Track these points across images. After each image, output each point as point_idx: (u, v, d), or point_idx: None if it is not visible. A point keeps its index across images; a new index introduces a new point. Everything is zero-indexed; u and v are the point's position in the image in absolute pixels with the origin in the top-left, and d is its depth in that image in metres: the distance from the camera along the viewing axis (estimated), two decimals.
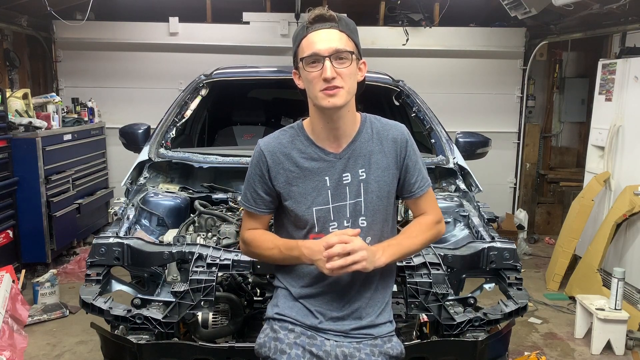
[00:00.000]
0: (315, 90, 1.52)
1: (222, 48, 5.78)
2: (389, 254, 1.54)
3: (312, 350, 1.60)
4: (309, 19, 1.55)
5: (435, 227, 1.67)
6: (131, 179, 2.88)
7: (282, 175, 1.61)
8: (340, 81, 1.51)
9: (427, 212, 1.69)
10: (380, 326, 1.65)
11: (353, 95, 1.57)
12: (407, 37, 5.75)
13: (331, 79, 1.49)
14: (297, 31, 1.60)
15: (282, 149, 1.63)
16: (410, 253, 1.67)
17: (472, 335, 2.04)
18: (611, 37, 5.35)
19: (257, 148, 1.66)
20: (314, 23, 1.54)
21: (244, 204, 1.70)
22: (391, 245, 1.57)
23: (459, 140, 3.31)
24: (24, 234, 4.47)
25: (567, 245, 4.56)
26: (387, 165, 1.62)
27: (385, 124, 1.67)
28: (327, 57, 1.49)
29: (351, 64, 1.53)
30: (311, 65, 1.52)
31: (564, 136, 6.52)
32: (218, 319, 2.16)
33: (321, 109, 1.55)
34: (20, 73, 5.59)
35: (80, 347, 3.50)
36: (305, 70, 1.54)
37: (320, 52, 1.50)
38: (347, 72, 1.52)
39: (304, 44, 1.55)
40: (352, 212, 1.60)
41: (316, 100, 1.54)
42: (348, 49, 1.52)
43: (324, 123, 1.59)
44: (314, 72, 1.51)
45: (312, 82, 1.53)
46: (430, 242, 1.71)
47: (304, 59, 1.53)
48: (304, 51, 1.54)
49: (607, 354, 3.52)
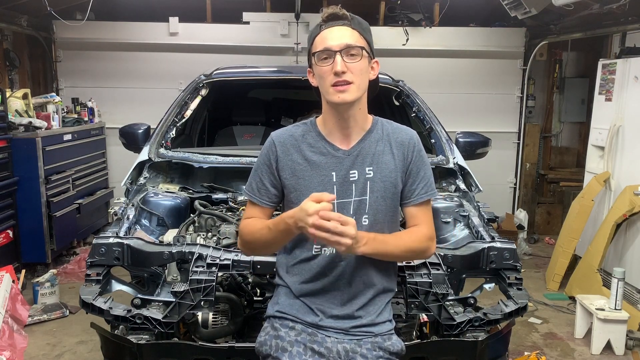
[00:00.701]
0: (327, 86, 1.55)
1: (222, 48, 5.78)
2: (371, 247, 1.51)
3: (313, 347, 1.60)
4: (322, 17, 1.59)
5: (425, 242, 1.63)
6: (131, 179, 2.88)
7: (289, 166, 1.63)
8: (351, 76, 1.53)
9: (421, 224, 1.65)
10: (380, 325, 1.66)
11: (364, 92, 1.60)
12: (407, 37, 5.75)
13: (341, 72, 1.52)
14: (311, 30, 1.64)
15: (293, 141, 1.65)
16: (392, 255, 1.62)
17: (472, 335, 2.05)
18: (611, 37, 5.35)
19: (269, 139, 1.69)
20: (328, 21, 1.58)
21: (248, 193, 1.70)
22: (376, 240, 1.53)
23: (459, 140, 3.31)
24: (24, 234, 4.47)
25: (567, 245, 4.57)
26: (394, 167, 1.63)
27: (396, 128, 1.69)
28: (337, 52, 1.53)
29: (362, 59, 1.56)
30: (323, 61, 1.55)
31: (564, 136, 6.53)
32: (218, 319, 2.16)
33: (333, 105, 1.58)
34: (20, 73, 5.59)
35: (80, 347, 3.50)
36: (317, 65, 1.57)
37: (332, 47, 1.53)
38: (358, 68, 1.55)
39: (317, 41, 1.58)
40: (355, 210, 1.61)
41: (327, 95, 1.57)
42: (359, 44, 1.56)
43: (335, 119, 1.61)
44: (325, 66, 1.55)
45: (323, 77, 1.56)
46: (415, 254, 1.68)
47: (316, 54, 1.56)
48: (317, 47, 1.57)
49: (607, 354, 3.52)
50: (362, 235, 1.50)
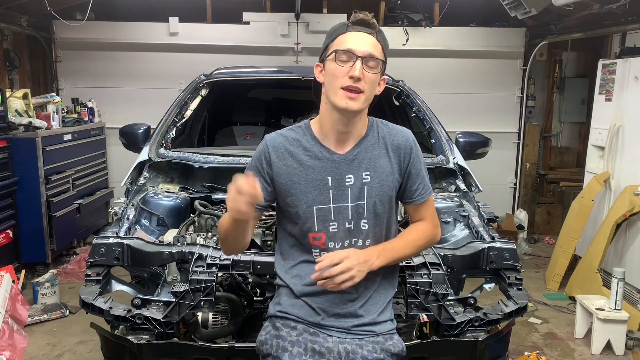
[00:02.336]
0: (336, 86, 1.54)
1: (222, 48, 5.78)
2: (383, 259, 1.59)
3: (314, 347, 1.61)
4: (352, 19, 1.58)
5: (431, 234, 1.71)
6: (131, 179, 2.88)
7: (284, 171, 1.62)
8: (364, 85, 1.53)
9: (425, 219, 1.71)
10: (381, 324, 1.66)
11: (368, 104, 1.60)
12: (407, 37, 5.75)
13: (357, 79, 1.51)
14: (335, 27, 1.62)
15: (287, 145, 1.64)
16: (404, 257, 1.70)
17: (472, 335, 2.05)
18: (611, 37, 5.35)
19: (262, 142, 1.67)
20: (356, 25, 1.57)
21: None
22: (386, 250, 1.60)
23: (459, 140, 3.31)
24: (24, 234, 4.47)
25: (567, 245, 4.57)
26: (390, 170, 1.63)
27: (392, 129, 1.69)
28: (360, 58, 1.52)
29: (378, 73, 1.56)
30: (342, 61, 1.54)
31: (564, 136, 6.53)
32: (218, 319, 2.16)
33: (336, 109, 1.56)
34: (20, 73, 5.59)
35: (80, 347, 3.50)
36: (334, 62, 1.55)
37: (356, 51, 1.53)
38: (372, 79, 1.55)
39: (341, 39, 1.56)
40: (354, 214, 1.61)
41: (334, 96, 1.54)
42: (380, 58, 1.56)
43: (333, 123, 1.60)
44: (343, 67, 1.53)
45: (337, 76, 1.54)
46: (425, 247, 1.75)
47: (338, 51, 1.54)
48: (339, 45, 1.55)
49: (607, 354, 3.52)
50: (371, 252, 1.57)
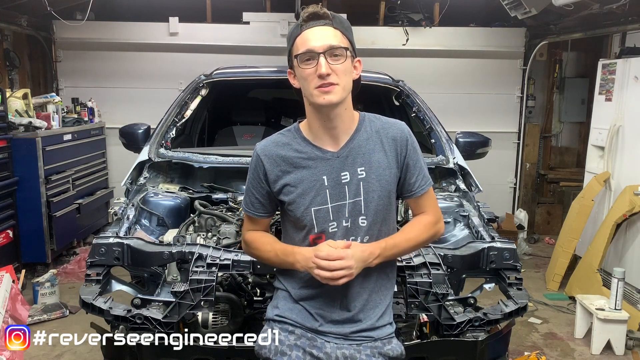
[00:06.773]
0: (310, 88, 1.51)
1: (222, 48, 5.79)
2: (384, 256, 1.56)
3: (312, 352, 1.59)
4: (302, 16, 1.54)
5: (434, 227, 1.66)
6: (131, 179, 2.88)
7: (279, 177, 1.60)
8: (336, 78, 1.50)
9: (427, 211, 1.67)
10: (380, 328, 1.64)
11: (349, 93, 1.56)
12: (407, 37, 5.76)
13: (326, 75, 1.48)
14: (291, 30, 1.59)
15: (279, 151, 1.61)
16: (406, 253, 1.68)
17: (472, 335, 2.04)
18: (611, 37, 5.35)
19: (254, 153, 1.65)
20: (308, 21, 1.53)
21: (244, 208, 1.71)
22: (387, 246, 1.56)
23: (459, 140, 3.31)
24: (24, 234, 4.47)
25: (567, 245, 4.57)
26: (387, 164, 1.60)
27: (385, 122, 1.65)
28: (321, 54, 1.48)
29: (346, 60, 1.52)
30: (306, 63, 1.51)
31: (564, 136, 6.53)
32: (218, 319, 2.16)
33: (317, 107, 1.54)
34: (20, 73, 5.59)
35: (80, 347, 3.49)
36: (300, 67, 1.53)
37: (315, 48, 1.49)
38: (342, 69, 1.51)
39: (298, 42, 1.54)
40: (351, 212, 1.58)
41: (312, 97, 1.52)
42: (342, 45, 1.52)
43: (320, 122, 1.57)
44: (309, 69, 1.50)
45: (307, 79, 1.52)
46: (428, 242, 1.70)
47: (299, 56, 1.52)
48: (299, 48, 1.53)
49: (607, 354, 3.52)
50: (373, 248, 1.54)
